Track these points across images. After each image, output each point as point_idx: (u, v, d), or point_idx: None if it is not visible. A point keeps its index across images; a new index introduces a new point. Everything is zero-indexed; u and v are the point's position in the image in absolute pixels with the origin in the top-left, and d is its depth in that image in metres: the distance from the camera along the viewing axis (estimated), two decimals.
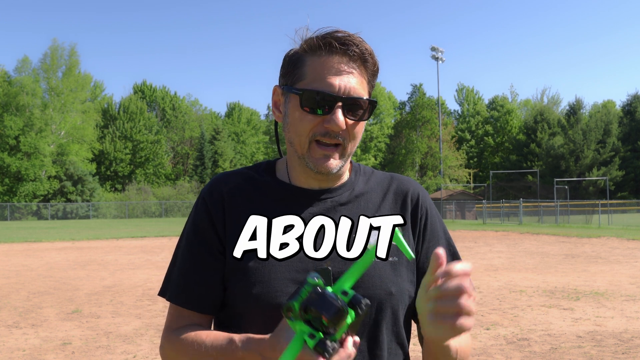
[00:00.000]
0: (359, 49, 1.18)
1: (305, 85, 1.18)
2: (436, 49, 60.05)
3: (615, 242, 19.01)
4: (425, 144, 61.63)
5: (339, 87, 1.16)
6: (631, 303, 8.20)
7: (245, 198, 1.27)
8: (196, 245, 1.27)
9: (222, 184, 1.30)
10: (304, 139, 1.19)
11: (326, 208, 1.26)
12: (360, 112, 1.19)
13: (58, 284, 10.69)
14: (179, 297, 1.27)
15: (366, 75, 1.21)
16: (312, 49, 1.19)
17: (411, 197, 1.32)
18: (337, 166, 1.21)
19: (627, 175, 66.36)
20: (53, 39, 70.50)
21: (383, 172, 1.38)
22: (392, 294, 1.21)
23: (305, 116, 1.18)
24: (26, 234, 27.44)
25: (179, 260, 1.29)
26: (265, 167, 1.34)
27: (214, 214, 1.26)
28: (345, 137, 1.20)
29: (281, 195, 1.27)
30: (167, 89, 77.79)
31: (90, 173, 60.05)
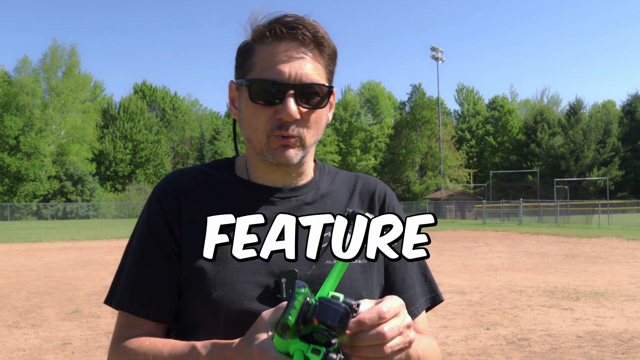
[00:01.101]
0: (309, 32, 1.10)
1: (255, 76, 1.11)
2: (436, 49, 60.06)
3: (615, 242, 19.01)
4: (425, 144, 61.65)
5: (289, 73, 1.08)
6: (631, 303, 8.20)
7: (202, 196, 1.18)
8: (150, 247, 1.15)
9: (176, 181, 1.20)
10: (261, 134, 1.12)
11: (291, 207, 1.18)
12: (316, 99, 1.11)
13: (58, 284, 10.69)
14: (129, 304, 1.14)
15: (322, 60, 1.13)
16: (260, 37, 1.12)
17: (378, 197, 1.27)
18: (297, 156, 1.12)
19: (627, 175, 66.34)
20: (53, 39, 70.48)
21: (348, 172, 1.32)
22: (361, 298, 1.12)
23: (257, 109, 1.11)
24: (26, 234, 27.44)
25: (129, 264, 1.17)
26: (225, 163, 1.26)
27: (169, 213, 1.16)
28: (302, 127, 1.11)
29: (242, 193, 1.19)
30: (167, 89, 77.76)
31: (90, 173, 60.04)
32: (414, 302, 1.23)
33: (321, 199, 1.22)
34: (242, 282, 1.10)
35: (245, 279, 1.10)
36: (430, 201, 51.18)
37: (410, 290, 1.24)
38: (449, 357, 5.56)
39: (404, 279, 1.24)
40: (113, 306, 1.16)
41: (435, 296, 1.29)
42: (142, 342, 1.10)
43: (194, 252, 1.13)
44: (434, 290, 1.29)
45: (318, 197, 1.22)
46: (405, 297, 1.19)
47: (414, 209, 53.64)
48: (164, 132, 70.67)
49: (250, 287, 1.09)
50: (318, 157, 67.73)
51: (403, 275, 1.24)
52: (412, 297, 1.23)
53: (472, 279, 10.83)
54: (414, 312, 1.22)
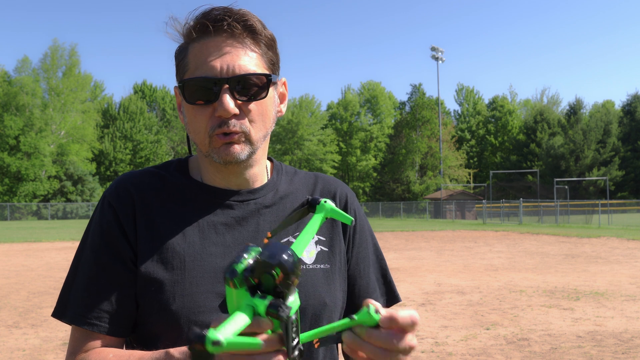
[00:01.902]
0: (239, 22, 1.05)
1: (188, 76, 1.06)
2: (436, 49, 60.09)
3: (615, 242, 19.01)
4: (425, 144, 61.67)
5: (221, 67, 1.03)
6: (631, 303, 8.20)
7: (156, 200, 1.11)
8: (104, 257, 1.07)
9: (128, 184, 1.13)
10: (203, 135, 1.06)
11: (250, 211, 1.12)
12: (253, 89, 1.05)
13: (58, 284, 10.69)
14: (83, 319, 1.04)
15: (257, 49, 1.07)
16: (189, 36, 1.07)
17: (339, 199, 1.22)
18: (243, 151, 1.05)
19: (627, 175, 66.35)
20: (53, 39, 70.50)
21: (306, 172, 1.27)
22: (326, 304, 1.11)
23: (196, 110, 1.05)
24: (26, 234, 27.44)
25: (81, 274, 1.08)
26: (177, 165, 1.18)
27: (123, 219, 1.08)
28: (244, 122, 1.05)
29: (197, 197, 1.12)
30: (167, 88, 77.82)
31: (90, 173, 60.06)
32: None
33: (280, 201, 1.17)
34: (202, 293, 1.04)
35: (205, 289, 1.04)
36: (430, 201, 51.18)
37: (374, 293, 1.22)
38: (449, 357, 5.56)
39: (367, 283, 1.22)
40: (66, 321, 1.06)
41: (392, 297, 1.27)
42: (104, 354, 1.01)
43: (150, 260, 1.06)
44: (392, 292, 1.27)
45: (277, 200, 1.16)
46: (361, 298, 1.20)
47: (413, 209, 53.65)
48: (164, 132, 70.69)
49: (210, 297, 1.03)
50: (318, 157, 68.58)
51: (367, 279, 1.22)
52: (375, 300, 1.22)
53: (472, 279, 10.83)
54: None
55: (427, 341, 6.16)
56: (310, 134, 65.33)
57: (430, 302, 8.49)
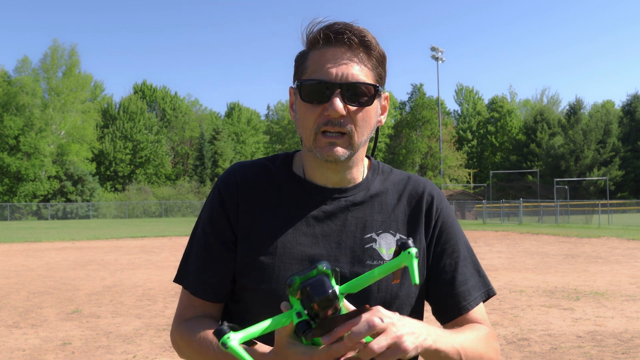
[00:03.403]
0: (357, 37, 1.18)
1: (306, 77, 1.19)
2: (436, 49, 60.04)
3: (615, 242, 19.01)
4: (425, 144, 61.66)
5: (336, 74, 1.16)
6: (631, 303, 8.20)
7: (259, 190, 1.27)
8: (210, 235, 1.27)
9: (237, 174, 1.30)
10: (309, 131, 1.19)
11: (340, 207, 1.25)
12: (362, 98, 1.18)
13: (58, 284, 10.69)
14: (194, 286, 1.27)
15: (369, 63, 1.20)
16: (312, 44, 1.20)
17: (426, 199, 1.31)
18: (345, 154, 1.19)
19: (627, 175, 66.34)
20: (53, 39, 70.42)
21: (401, 172, 1.37)
22: (398, 296, 1.23)
23: (307, 108, 1.18)
24: (26, 234, 27.43)
25: (194, 249, 1.30)
26: (283, 159, 1.34)
27: (228, 205, 1.26)
28: (350, 125, 1.17)
29: (295, 191, 1.27)
30: (167, 89, 77.79)
31: (90, 173, 60.04)
32: (467, 297, 1.29)
33: (370, 200, 1.28)
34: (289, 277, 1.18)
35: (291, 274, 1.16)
36: None
37: (464, 285, 1.29)
38: None
39: (455, 276, 1.29)
40: (183, 286, 1.29)
41: (489, 290, 1.34)
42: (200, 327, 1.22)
43: (248, 244, 1.24)
44: (488, 285, 1.35)
45: (367, 198, 1.28)
46: (459, 292, 1.28)
47: None
48: (164, 132, 70.68)
49: None
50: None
51: (454, 273, 1.29)
52: (466, 292, 1.29)
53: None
54: (469, 305, 1.28)
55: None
56: None
57: None
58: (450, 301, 1.28)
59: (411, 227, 1.28)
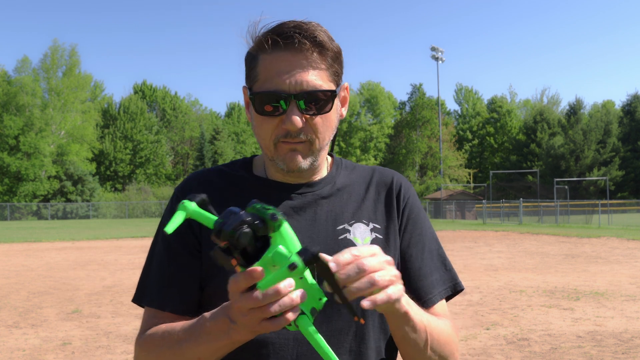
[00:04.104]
0: (308, 39, 1.10)
1: (258, 88, 1.12)
2: (436, 49, 60.04)
3: (615, 242, 19.01)
4: (425, 144, 61.67)
5: (290, 83, 1.09)
6: (631, 303, 8.20)
7: (220, 193, 1.22)
8: (172, 244, 1.20)
9: (195, 180, 1.25)
10: (268, 142, 1.14)
11: (307, 201, 1.21)
12: (320, 104, 1.12)
13: (58, 284, 10.69)
14: (158, 301, 1.19)
15: (324, 63, 1.13)
16: (260, 48, 1.13)
17: (394, 188, 1.28)
18: (307, 163, 1.15)
19: (627, 175, 66.34)
20: (54, 40, 70.50)
21: (365, 165, 1.34)
22: None
23: (263, 120, 1.13)
24: (26, 234, 27.44)
25: (156, 263, 1.22)
26: (242, 163, 1.29)
27: None
28: (309, 133, 1.13)
29: (259, 190, 1.22)
30: (167, 89, 77.76)
31: (90, 173, 60.04)
32: (432, 290, 1.24)
33: (337, 193, 1.24)
34: None
35: None
36: (430, 201, 51.17)
37: (428, 278, 1.24)
38: None
39: (420, 267, 1.24)
40: (143, 305, 1.21)
41: (455, 284, 1.30)
42: (160, 326, 1.15)
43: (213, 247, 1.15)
44: (454, 279, 1.30)
45: (334, 191, 1.24)
46: (421, 285, 1.23)
47: None
48: (164, 132, 70.67)
49: None
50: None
51: (420, 264, 1.25)
52: (429, 285, 1.24)
53: (472, 279, 10.83)
54: (431, 299, 1.23)
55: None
56: None
57: None
58: (413, 294, 1.21)
59: (384, 215, 1.25)
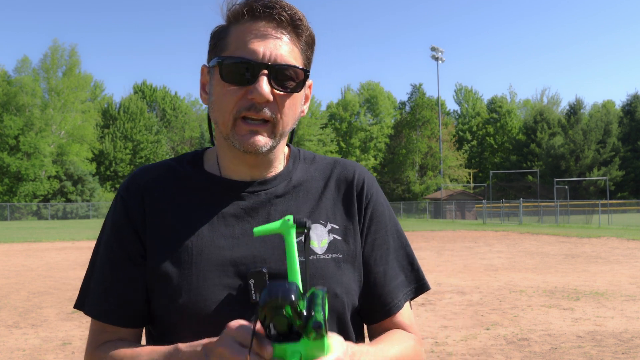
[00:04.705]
0: (287, 13, 1.04)
1: (228, 54, 1.05)
2: (436, 49, 60.06)
3: (615, 242, 19.00)
4: (425, 144, 61.67)
5: (264, 53, 1.02)
6: (631, 303, 8.20)
7: (166, 192, 1.12)
8: (116, 252, 1.10)
9: (140, 178, 1.14)
10: (228, 115, 1.04)
11: (260, 201, 1.11)
12: (290, 83, 1.04)
13: (58, 284, 10.69)
14: (98, 311, 1.10)
15: (298, 44, 1.07)
16: (235, 18, 1.06)
17: (356, 184, 1.18)
18: (267, 144, 1.05)
19: (627, 175, 66.34)
20: (54, 40, 70.49)
21: (326, 157, 1.23)
22: (336, 295, 1.08)
23: (227, 89, 1.04)
24: (26, 234, 27.43)
25: (97, 268, 1.13)
26: (191, 158, 1.18)
27: (132, 213, 1.10)
28: (274, 112, 1.04)
29: (208, 189, 1.12)
30: (167, 89, 77.79)
31: (90, 173, 60.05)
32: (397, 294, 1.16)
33: (293, 190, 1.14)
34: (209, 286, 1.04)
35: (212, 282, 1.04)
36: (430, 201, 51.18)
37: (393, 281, 1.16)
38: (449, 357, 5.56)
39: (385, 270, 1.16)
40: (85, 312, 1.12)
41: (421, 285, 1.21)
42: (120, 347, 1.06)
43: (158, 255, 1.07)
44: (420, 279, 1.21)
45: (290, 189, 1.14)
46: (387, 290, 1.15)
47: (413, 209, 53.64)
48: (164, 132, 70.66)
49: (217, 290, 1.03)
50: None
51: (385, 267, 1.16)
52: (394, 289, 1.16)
53: (472, 279, 10.83)
54: (397, 304, 1.16)
55: (427, 341, 6.16)
56: (311, 134, 65.34)
57: (430, 302, 8.49)
58: (377, 300, 1.15)
59: (343, 215, 1.15)
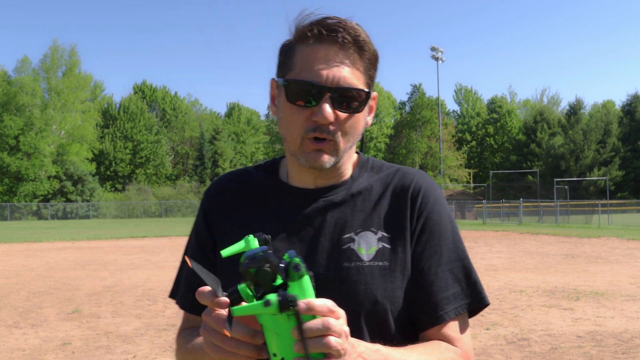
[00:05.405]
0: (350, 35, 1.10)
1: (293, 76, 1.11)
2: (436, 49, 60.01)
3: (615, 242, 19.00)
4: (425, 144, 61.65)
5: (327, 76, 1.08)
6: (631, 303, 8.20)
7: (237, 197, 1.24)
8: (195, 248, 1.26)
9: (220, 183, 1.29)
10: (296, 135, 1.11)
11: (317, 209, 1.17)
12: (354, 103, 1.11)
13: (58, 284, 10.69)
14: (182, 301, 1.27)
15: (361, 65, 1.12)
16: (301, 38, 1.12)
17: (411, 192, 1.19)
18: (330, 161, 1.12)
19: (627, 175, 66.33)
20: (53, 40, 70.59)
21: (392, 166, 1.26)
22: (377, 302, 1.11)
23: (293, 110, 1.11)
24: (26, 234, 27.43)
25: (183, 265, 1.29)
26: (268, 165, 1.29)
27: (209, 214, 1.25)
28: (337, 131, 1.10)
29: (274, 195, 1.22)
30: (167, 89, 77.78)
31: (90, 173, 60.04)
32: (445, 306, 1.16)
33: (351, 199, 1.19)
34: None
35: None
36: None
37: (441, 293, 1.16)
38: None
39: (433, 281, 1.16)
40: (175, 301, 1.30)
41: (478, 300, 1.21)
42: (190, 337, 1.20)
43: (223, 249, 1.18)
44: (477, 294, 1.21)
45: (348, 197, 1.19)
46: (434, 301, 1.15)
47: None
48: (164, 132, 70.67)
49: None
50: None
51: (434, 277, 1.16)
52: (442, 300, 1.16)
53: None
54: (443, 316, 1.16)
55: None
56: None
57: None
58: (425, 309, 1.16)
59: (396, 223, 1.17)
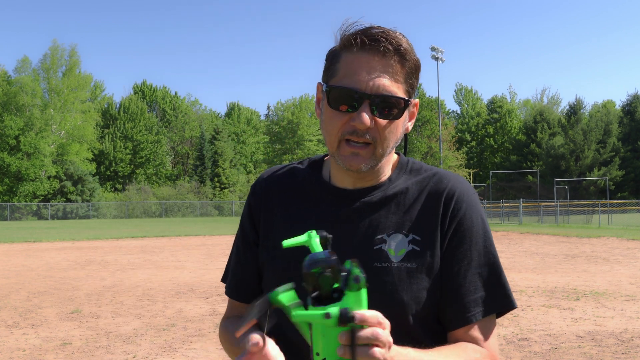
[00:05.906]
0: (392, 45, 1.14)
1: (336, 82, 1.16)
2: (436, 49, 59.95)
3: (615, 242, 19.01)
4: (425, 144, 61.67)
5: (367, 84, 1.13)
6: (631, 303, 8.20)
7: (281, 193, 1.30)
8: (240, 239, 1.35)
9: (266, 177, 1.35)
10: (334, 137, 1.17)
11: (354, 209, 1.22)
12: (393, 111, 1.15)
13: (58, 284, 10.69)
14: (229, 287, 1.38)
15: (402, 73, 1.16)
16: (346, 46, 1.17)
17: (445, 196, 1.23)
18: (367, 164, 1.16)
19: (627, 175, 66.31)
20: (53, 40, 70.51)
21: (431, 169, 1.31)
22: (404, 303, 1.16)
23: (334, 114, 1.16)
24: (26, 234, 27.43)
25: (232, 254, 1.39)
26: (313, 162, 1.35)
27: (254, 207, 1.32)
28: (375, 137, 1.15)
29: (315, 193, 1.27)
30: (167, 89, 77.75)
31: (90, 173, 60.02)
32: (472, 308, 1.20)
33: (386, 201, 1.23)
34: (289, 278, 1.13)
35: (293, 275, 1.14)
36: None
37: (470, 295, 1.20)
38: None
39: (462, 284, 1.20)
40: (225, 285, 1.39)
41: (505, 303, 1.24)
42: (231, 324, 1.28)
43: (265, 246, 1.28)
44: (504, 297, 1.24)
45: (384, 199, 1.23)
46: (462, 304, 1.19)
47: None
48: (164, 132, 70.65)
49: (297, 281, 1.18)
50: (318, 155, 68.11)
51: (462, 280, 1.20)
52: (470, 303, 1.20)
53: None
54: (469, 318, 1.19)
55: None
56: (311, 134, 65.35)
57: None
58: (453, 311, 1.20)
59: (428, 227, 1.21)
